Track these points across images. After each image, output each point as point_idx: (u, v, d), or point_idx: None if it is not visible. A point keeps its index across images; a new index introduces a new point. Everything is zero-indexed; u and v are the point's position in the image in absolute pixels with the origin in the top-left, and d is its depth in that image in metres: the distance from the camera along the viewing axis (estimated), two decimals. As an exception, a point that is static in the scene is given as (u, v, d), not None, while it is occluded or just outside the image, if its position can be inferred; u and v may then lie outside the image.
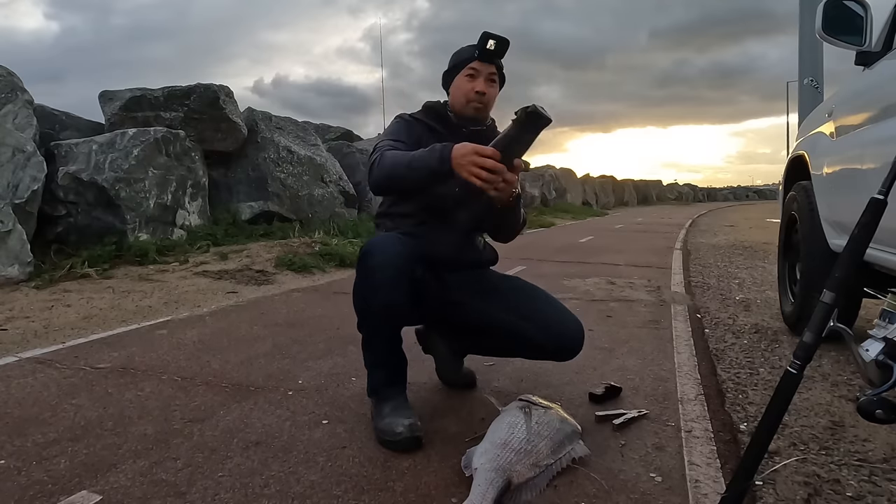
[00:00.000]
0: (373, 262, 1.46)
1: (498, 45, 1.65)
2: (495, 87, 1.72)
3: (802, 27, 5.67)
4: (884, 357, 1.11)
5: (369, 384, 1.60)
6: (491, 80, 1.69)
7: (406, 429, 1.44)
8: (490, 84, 1.69)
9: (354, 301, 1.53)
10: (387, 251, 1.46)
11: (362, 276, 1.49)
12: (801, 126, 3.28)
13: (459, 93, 1.69)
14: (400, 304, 1.46)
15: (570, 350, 1.67)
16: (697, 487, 1.28)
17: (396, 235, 1.56)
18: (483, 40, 1.66)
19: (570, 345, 1.66)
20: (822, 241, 2.32)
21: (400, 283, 1.45)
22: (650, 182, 42.81)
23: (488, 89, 1.68)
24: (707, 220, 15.98)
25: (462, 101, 1.68)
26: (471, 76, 1.67)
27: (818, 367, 2.16)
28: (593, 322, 2.97)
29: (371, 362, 1.60)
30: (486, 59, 1.66)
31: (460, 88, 1.69)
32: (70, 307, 3.40)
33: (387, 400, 1.54)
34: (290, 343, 2.51)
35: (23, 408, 1.76)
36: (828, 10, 2.07)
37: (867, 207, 0.99)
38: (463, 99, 1.68)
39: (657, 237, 9.27)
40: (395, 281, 1.44)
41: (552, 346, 1.65)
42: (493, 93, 1.71)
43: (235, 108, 6.95)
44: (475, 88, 1.66)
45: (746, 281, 4.45)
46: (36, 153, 4.59)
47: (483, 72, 1.67)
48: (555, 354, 1.68)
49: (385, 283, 1.44)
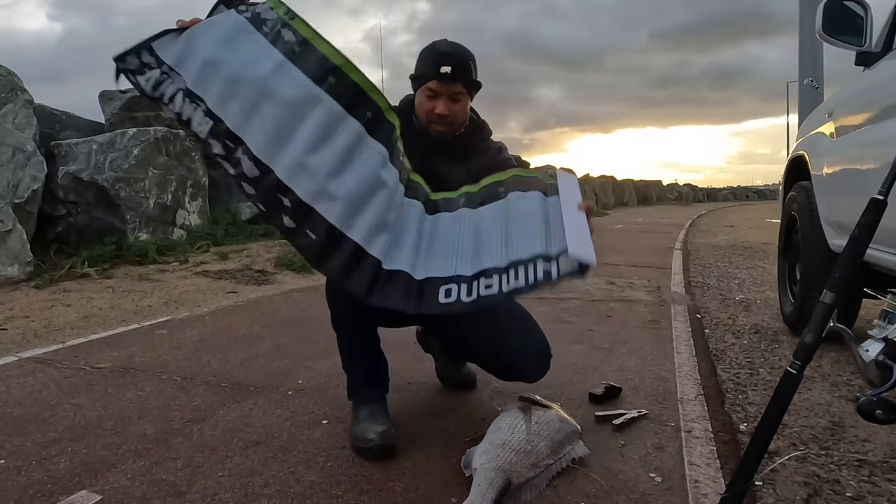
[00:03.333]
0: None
1: (455, 69, 1.46)
2: (462, 102, 1.53)
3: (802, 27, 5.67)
4: (884, 357, 1.11)
5: (348, 385, 1.59)
6: (455, 99, 1.50)
7: (378, 436, 1.41)
8: (455, 102, 1.50)
9: (328, 297, 1.52)
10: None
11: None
12: (801, 126, 3.28)
13: (421, 109, 1.54)
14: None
15: (528, 378, 1.63)
16: (697, 487, 1.28)
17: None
18: (436, 63, 1.46)
19: (525, 377, 1.63)
20: (822, 241, 2.32)
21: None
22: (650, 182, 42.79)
23: (452, 108, 1.50)
24: (707, 220, 15.97)
25: (424, 118, 1.54)
26: (430, 96, 1.50)
27: (818, 368, 2.16)
28: (593, 322, 2.97)
29: (347, 359, 1.58)
30: (446, 81, 1.48)
31: (421, 105, 1.53)
32: (70, 307, 3.40)
33: (364, 403, 1.52)
34: (290, 343, 2.51)
35: (23, 407, 1.76)
36: (828, 11, 2.07)
37: (867, 208, 0.99)
38: (424, 117, 1.53)
39: (657, 237, 9.27)
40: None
41: (507, 374, 1.64)
42: (458, 109, 1.52)
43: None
44: (436, 110, 1.50)
45: (746, 281, 4.45)
46: (36, 153, 4.59)
47: (443, 92, 1.48)
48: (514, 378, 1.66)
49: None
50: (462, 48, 1.51)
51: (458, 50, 1.50)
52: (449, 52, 1.48)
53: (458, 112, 1.52)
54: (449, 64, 1.46)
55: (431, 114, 1.50)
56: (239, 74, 1.28)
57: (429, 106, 1.50)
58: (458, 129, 1.57)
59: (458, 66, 1.47)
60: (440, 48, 1.49)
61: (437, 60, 1.47)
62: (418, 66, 1.53)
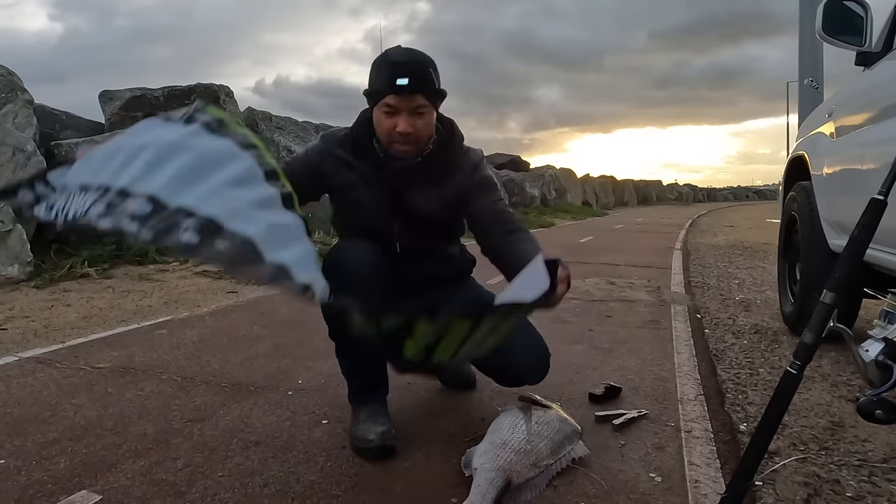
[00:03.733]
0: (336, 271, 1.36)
1: (413, 79, 1.29)
2: (427, 116, 1.36)
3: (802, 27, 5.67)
4: (884, 357, 1.11)
5: (349, 390, 1.58)
6: (417, 113, 1.34)
7: (378, 437, 1.41)
8: (418, 117, 1.34)
9: (323, 312, 1.46)
10: (348, 256, 1.39)
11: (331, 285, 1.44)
12: (801, 126, 3.28)
13: (380, 128, 1.37)
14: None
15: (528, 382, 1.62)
16: (697, 487, 1.28)
17: (356, 242, 1.45)
18: (390, 75, 1.29)
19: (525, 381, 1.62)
20: (822, 241, 2.32)
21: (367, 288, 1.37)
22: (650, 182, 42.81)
23: (416, 125, 1.34)
24: (707, 220, 15.98)
25: (385, 139, 1.38)
26: (389, 113, 1.33)
27: (818, 368, 2.16)
28: (593, 322, 2.97)
29: (347, 370, 1.57)
30: (404, 94, 1.31)
31: (380, 124, 1.36)
32: (70, 307, 3.40)
33: (364, 405, 1.52)
34: (290, 343, 2.51)
35: (22, 407, 1.76)
36: (828, 11, 2.07)
37: (867, 208, 0.99)
38: (385, 137, 1.37)
39: (657, 237, 9.27)
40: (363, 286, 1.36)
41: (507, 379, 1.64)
42: (423, 124, 1.35)
43: (236, 108, 6.96)
44: (397, 129, 1.33)
45: (746, 281, 4.45)
46: (36, 153, 4.59)
47: (403, 107, 1.32)
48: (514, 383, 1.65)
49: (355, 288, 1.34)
50: (419, 54, 1.34)
51: (414, 57, 1.32)
52: (403, 60, 1.30)
53: (423, 128, 1.36)
54: (405, 74, 1.28)
55: (392, 133, 1.34)
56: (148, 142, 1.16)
57: (388, 124, 1.34)
58: (424, 146, 1.40)
59: (417, 74, 1.29)
60: (393, 57, 1.32)
61: (391, 72, 1.29)
62: (371, 79, 1.35)
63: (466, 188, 1.44)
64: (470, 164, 1.46)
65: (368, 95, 1.37)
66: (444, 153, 1.44)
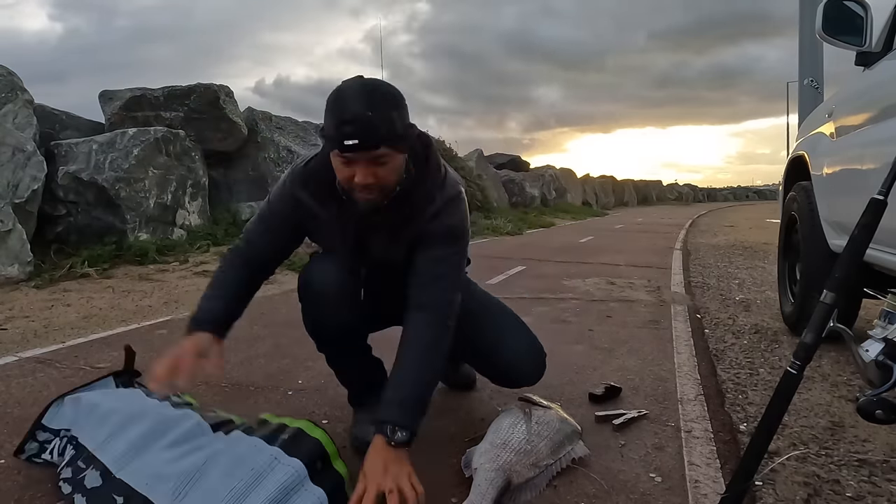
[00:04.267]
0: (314, 288, 1.37)
1: (364, 137, 1.10)
2: (390, 163, 1.17)
3: (802, 27, 5.67)
4: (884, 357, 1.11)
5: (348, 395, 1.59)
6: (379, 162, 1.15)
7: None
8: (379, 166, 1.16)
9: (307, 328, 1.45)
10: (325, 272, 1.37)
11: (307, 304, 1.41)
12: (801, 126, 3.28)
13: (339, 175, 1.20)
14: (350, 321, 1.41)
15: (524, 384, 1.60)
16: (697, 487, 1.28)
17: (331, 256, 1.39)
18: (337, 132, 1.11)
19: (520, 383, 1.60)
20: (822, 241, 2.32)
21: (345, 301, 1.37)
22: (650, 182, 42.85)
23: (378, 174, 1.16)
24: (707, 220, 15.98)
25: (345, 186, 1.21)
26: (345, 162, 1.16)
27: (818, 368, 2.16)
28: (593, 322, 2.97)
29: (342, 379, 1.59)
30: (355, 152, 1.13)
31: (338, 170, 1.20)
32: (70, 307, 3.40)
33: (364, 406, 1.53)
34: (290, 343, 2.51)
35: (23, 407, 1.76)
36: (828, 11, 2.07)
37: (867, 208, 0.99)
38: (344, 184, 1.21)
39: (657, 237, 9.27)
40: (340, 300, 1.36)
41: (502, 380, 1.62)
42: (385, 173, 1.18)
43: (235, 108, 6.95)
44: (356, 180, 1.16)
45: (746, 281, 4.45)
46: (36, 153, 4.59)
47: (360, 159, 1.14)
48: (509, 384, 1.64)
49: (331, 304, 1.36)
50: (372, 99, 1.12)
51: (363, 108, 1.10)
52: (349, 117, 1.10)
53: (387, 175, 1.18)
54: (352, 135, 1.10)
55: (351, 182, 1.18)
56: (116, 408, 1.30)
57: (346, 173, 1.18)
58: (391, 192, 1.23)
59: (366, 131, 1.10)
60: (339, 111, 1.12)
61: (336, 129, 1.12)
62: (325, 122, 1.17)
63: (419, 233, 1.29)
64: (433, 211, 1.28)
65: (325, 140, 1.19)
66: (410, 200, 1.27)
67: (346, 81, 1.17)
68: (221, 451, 1.13)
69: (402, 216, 1.27)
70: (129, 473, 1.13)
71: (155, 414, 1.26)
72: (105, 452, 1.19)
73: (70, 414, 1.37)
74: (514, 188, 16.90)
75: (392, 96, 1.16)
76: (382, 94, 1.15)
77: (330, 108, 1.15)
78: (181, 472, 1.09)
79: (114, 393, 1.45)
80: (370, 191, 1.18)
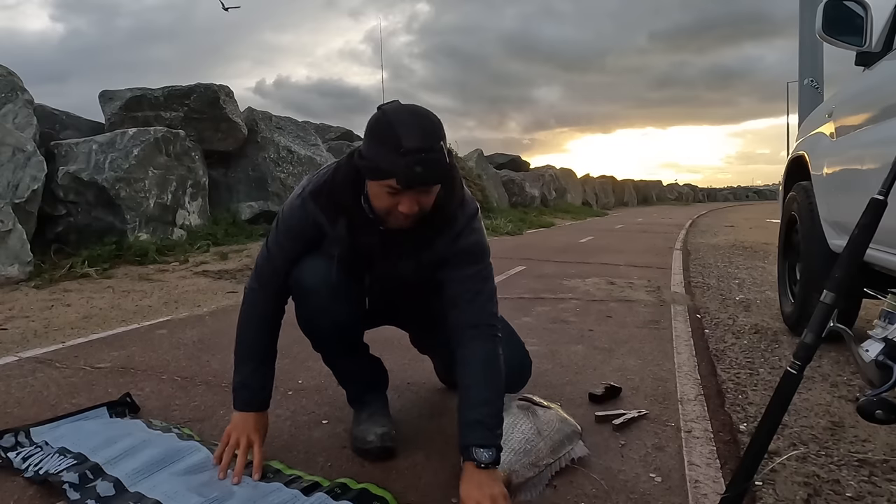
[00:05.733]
0: (306, 287, 1.36)
1: (430, 171, 1.08)
2: (434, 190, 1.17)
3: (802, 27, 5.67)
4: (884, 357, 1.11)
5: (347, 395, 1.59)
6: (428, 193, 1.16)
7: (378, 438, 1.41)
8: (424, 195, 1.15)
9: (301, 327, 1.45)
10: (317, 272, 1.35)
11: (300, 304, 1.40)
12: (801, 126, 3.28)
13: (377, 202, 1.18)
14: (342, 319, 1.40)
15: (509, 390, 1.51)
16: (697, 487, 1.28)
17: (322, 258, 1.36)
18: (403, 165, 1.07)
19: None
20: (822, 241, 2.32)
21: (337, 299, 1.35)
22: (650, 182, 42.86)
23: (422, 202, 1.15)
24: (707, 220, 15.98)
25: (381, 213, 1.20)
26: (391, 193, 1.13)
27: (818, 368, 2.16)
28: (593, 322, 2.97)
29: (340, 379, 1.58)
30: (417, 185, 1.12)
31: (378, 198, 1.18)
32: (70, 307, 3.40)
33: (365, 406, 1.53)
34: (290, 343, 2.49)
35: (23, 407, 1.76)
36: (828, 11, 2.07)
37: (867, 208, 0.99)
38: (382, 212, 1.19)
39: (657, 237, 9.27)
40: (332, 298, 1.35)
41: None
42: (428, 201, 1.17)
43: (235, 108, 6.95)
44: (401, 210, 1.15)
45: (746, 281, 4.45)
46: (36, 153, 4.60)
47: (408, 193, 1.13)
48: None
49: (323, 303, 1.36)
50: (430, 132, 1.10)
51: (423, 142, 1.08)
52: (416, 145, 1.06)
53: (429, 203, 1.18)
54: (421, 174, 1.08)
55: (394, 211, 1.16)
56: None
57: (388, 203, 1.16)
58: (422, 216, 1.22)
59: (433, 170, 1.09)
60: (397, 145, 1.07)
61: (404, 162, 1.07)
62: (372, 151, 1.12)
63: (441, 255, 1.29)
64: (456, 231, 1.28)
65: (367, 168, 1.14)
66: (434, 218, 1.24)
67: (390, 109, 1.13)
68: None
69: (424, 237, 1.27)
70: (144, 488, 1.21)
71: (164, 442, 1.40)
72: (116, 468, 1.28)
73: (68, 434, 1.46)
74: (514, 188, 16.90)
75: (440, 126, 1.14)
76: (433, 124, 1.12)
77: (382, 140, 1.10)
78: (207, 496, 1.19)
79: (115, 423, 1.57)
80: (410, 220, 1.19)
